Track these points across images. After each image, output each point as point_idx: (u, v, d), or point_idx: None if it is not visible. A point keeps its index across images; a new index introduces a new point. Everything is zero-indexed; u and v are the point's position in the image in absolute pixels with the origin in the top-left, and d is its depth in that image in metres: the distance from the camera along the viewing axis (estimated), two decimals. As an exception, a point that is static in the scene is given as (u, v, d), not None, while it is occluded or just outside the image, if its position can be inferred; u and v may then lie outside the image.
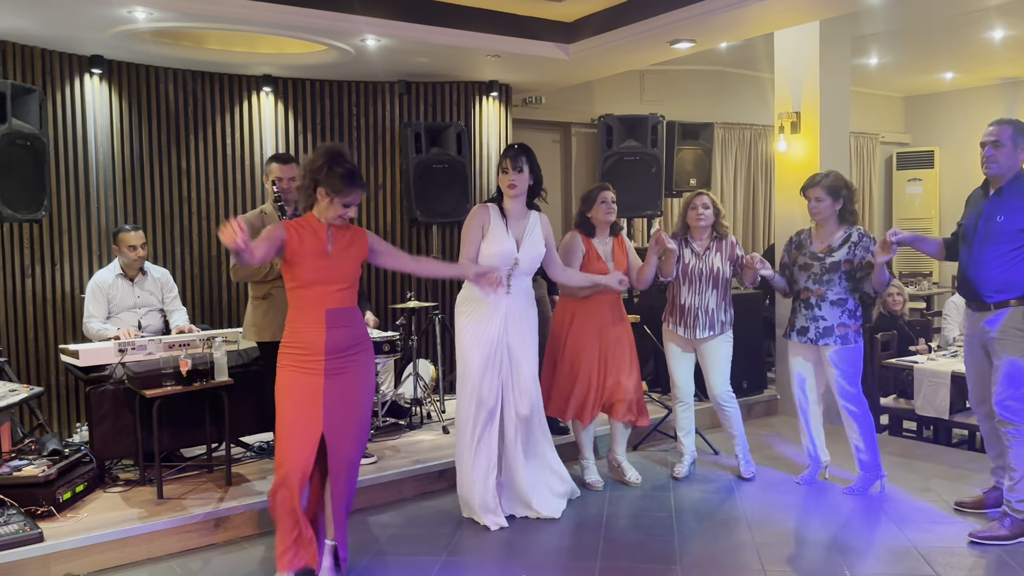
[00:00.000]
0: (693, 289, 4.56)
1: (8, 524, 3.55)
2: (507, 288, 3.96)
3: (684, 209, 4.67)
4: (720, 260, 4.57)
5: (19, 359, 5.43)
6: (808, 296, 4.38)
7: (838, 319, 4.31)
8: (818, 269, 4.34)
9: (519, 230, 4.01)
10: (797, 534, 3.96)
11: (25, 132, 4.59)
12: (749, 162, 9.33)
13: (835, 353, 4.33)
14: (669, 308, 4.71)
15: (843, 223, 4.35)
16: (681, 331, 4.60)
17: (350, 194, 3.30)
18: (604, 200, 4.46)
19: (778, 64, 6.33)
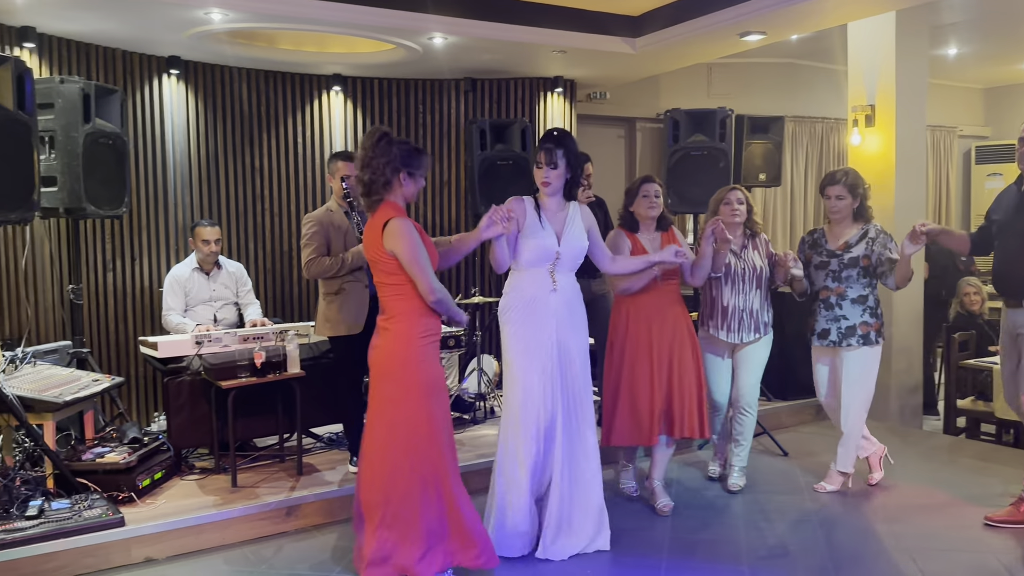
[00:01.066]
0: (736, 289, 4.33)
1: (92, 508, 3.69)
2: (553, 285, 3.65)
3: (715, 205, 4.42)
4: (759, 258, 4.37)
5: (101, 350, 5.64)
6: (827, 295, 4.30)
7: (860, 317, 4.24)
8: (836, 266, 4.26)
9: (558, 223, 3.70)
10: (866, 538, 3.88)
11: (107, 131, 4.75)
12: (820, 157, 9.12)
13: (856, 354, 4.24)
14: (708, 311, 4.42)
15: (858, 220, 4.31)
16: (724, 335, 4.35)
17: (424, 163, 3.32)
18: (646, 193, 4.15)
19: (852, 55, 6.18)
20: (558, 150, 3.64)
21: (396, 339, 3.24)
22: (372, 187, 3.26)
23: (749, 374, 4.42)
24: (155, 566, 3.64)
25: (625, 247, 4.14)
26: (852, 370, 4.26)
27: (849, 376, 4.27)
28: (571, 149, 3.68)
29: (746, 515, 4.14)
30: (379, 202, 3.29)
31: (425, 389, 3.23)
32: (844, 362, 4.27)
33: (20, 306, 4.99)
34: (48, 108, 4.47)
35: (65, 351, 4.76)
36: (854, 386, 4.27)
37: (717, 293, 4.36)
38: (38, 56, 5.14)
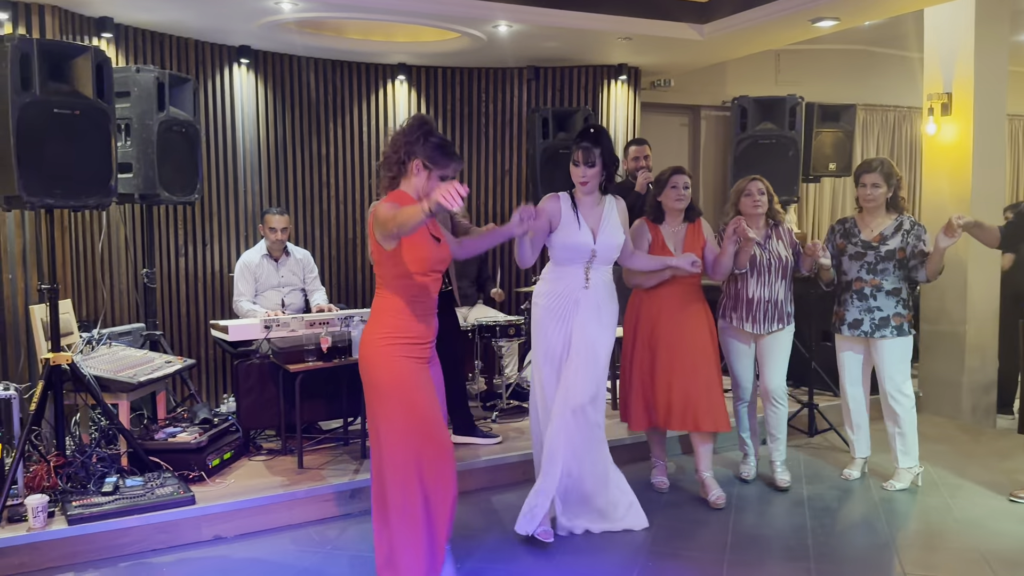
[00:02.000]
0: (762, 281, 4.25)
1: (164, 486, 3.81)
2: (585, 283, 3.67)
3: (736, 196, 4.33)
4: (783, 248, 4.29)
5: (173, 333, 5.80)
6: (862, 287, 4.23)
7: (894, 309, 4.20)
8: (872, 258, 4.20)
9: (594, 219, 3.69)
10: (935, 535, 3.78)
11: (180, 119, 4.87)
12: (893, 146, 8.87)
13: (893, 343, 4.19)
14: (731, 303, 4.35)
15: (891, 211, 4.25)
16: (748, 326, 4.28)
17: (448, 166, 3.08)
18: (675, 184, 4.09)
19: (928, 42, 5.98)
20: (595, 149, 3.64)
21: (362, 339, 3.15)
22: (386, 162, 3.16)
23: (775, 364, 4.35)
24: (224, 544, 3.73)
25: (645, 239, 4.09)
26: (892, 359, 4.22)
27: (890, 365, 4.23)
28: (607, 147, 3.68)
29: (813, 513, 4.06)
30: (391, 186, 3.16)
31: (377, 393, 3.06)
32: (882, 352, 4.23)
33: (97, 289, 5.15)
34: (124, 96, 4.61)
35: (139, 333, 4.91)
36: (897, 375, 4.23)
37: (742, 285, 4.28)
38: (115, 46, 5.29)
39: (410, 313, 3.05)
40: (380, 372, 3.03)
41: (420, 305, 3.08)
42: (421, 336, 3.09)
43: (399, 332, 3.04)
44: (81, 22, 5.04)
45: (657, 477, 4.41)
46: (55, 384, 3.89)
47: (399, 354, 3.04)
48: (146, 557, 3.58)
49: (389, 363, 3.03)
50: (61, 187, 3.75)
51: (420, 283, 3.06)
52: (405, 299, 3.05)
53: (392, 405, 3.03)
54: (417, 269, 3.04)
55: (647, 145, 5.51)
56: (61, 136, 3.74)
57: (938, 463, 4.74)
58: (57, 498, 3.68)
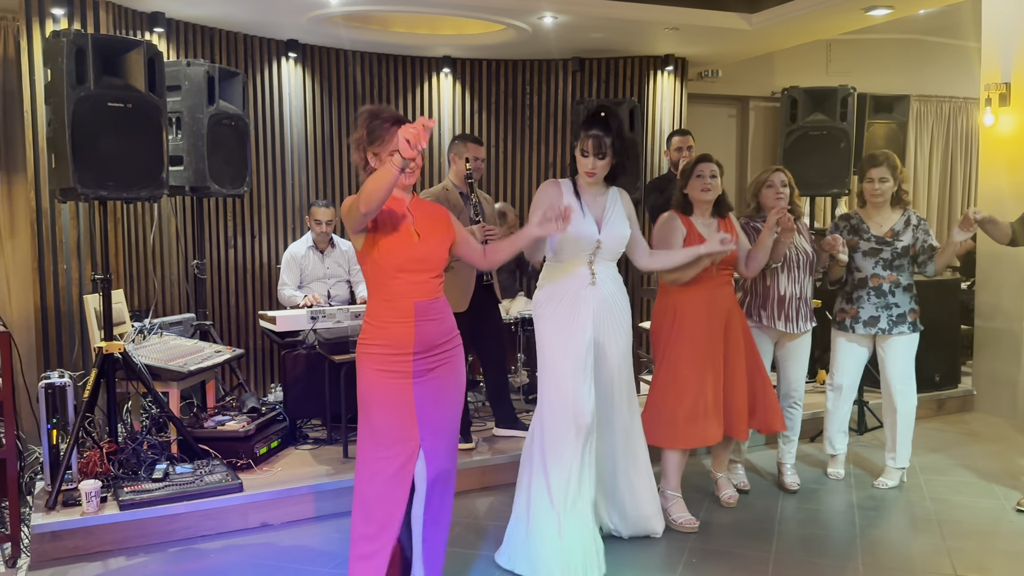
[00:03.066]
0: (792, 277, 4.07)
1: (213, 473, 3.87)
2: (591, 279, 3.31)
3: (757, 188, 4.13)
4: (805, 242, 4.13)
5: (222, 323, 5.90)
6: (879, 283, 4.15)
7: (909, 305, 4.17)
8: (889, 254, 4.12)
9: (598, 209, 3.36)
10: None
11: (230, 112, 4.93)
12: (947, 137, 8.64)
13: (907, 339, 4.16)
14: (760, 300, 4.12)
15: (896, 205, 4.18)
16: (781, 324, 4.07)
17: (387, 130, 2.72)
18: (700, 173, 3.75)
19: (986, 31, 5.80)
20: (607, 138, 3.27)
21: None
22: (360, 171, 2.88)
23: (798, 366, 4.23)
24: (271, 531, 3.79)
25: (679, 233, 3.73)
26: (906, 355, 4.18)
27: (899, 363, 4.17)
28: (621, 135, 3.33)
29: (862, 512, 3.98)
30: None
31: (359, 404, 2.83)
32: (896, 348, 4.16)
33: (148, 280, 5.26)
34: (175, 90, 4.68)
35: (189, 323, 5.00)
36: (906, 373, 4.19)
37: (772, 282, 4.08)
38: (166, 40, 5.38)
39: (384, 319, 2.74)
40: (360, 381, 2.80)
41: (396, 309, 2.74)
42: (397, 345, 2.73)
43: (369, 340, 2.77)
44: (134, 17, 5.13)
45: (682, 515, 3.82)
46: (108, 372, 3.97)
47: (368, 365, 2.76)
48: (194, 543, 3.65)
49: (360, 373, 2.79)
50: (114, 179, 3.83)
51: (394, 284, 2.73)
52: (379, 302, 2.77)
53: (359, 425, 2.82)
54: (389, 266, 2.72)
55: (690, 136, 5.44)
56: (114, 129, 3.82)
57: (992, 463, 4.61)
58: (109, 484, 3.77)
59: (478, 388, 5.40)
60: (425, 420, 2.76)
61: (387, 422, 2.74)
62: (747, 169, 8.13)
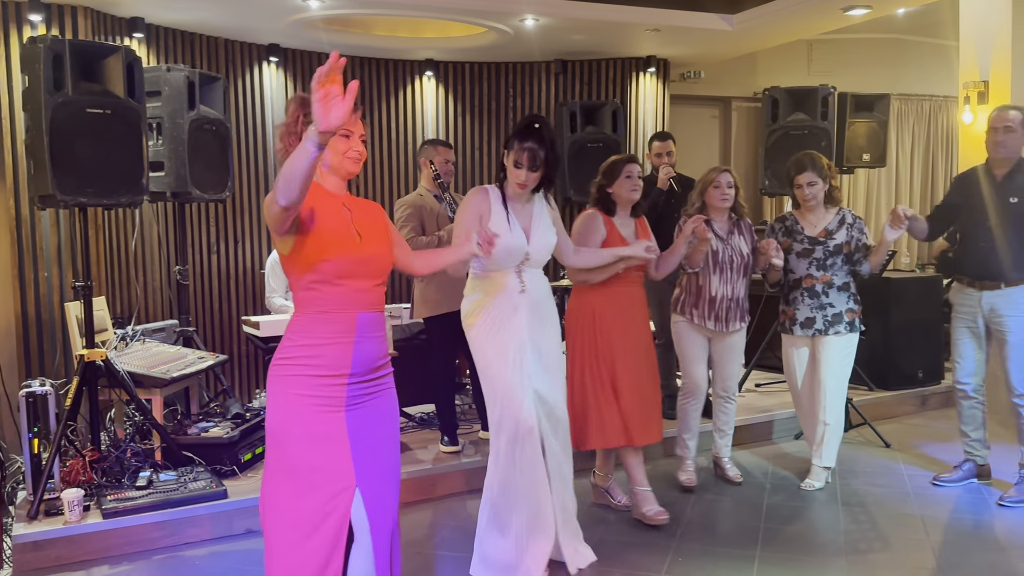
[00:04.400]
0: (724, 278, 4.07)
1: (197, 480, 3.85)
2: (521, 286, 3.22)
3: (702, 187, 4.10)
4: (745, 244, 4.13)
5: (206, 329, 5.87)
6: (812, 284, 4.14)
7: (846, 304, 4.14)
8: (821, 254, 4.12)
9: (525, 217, 3.28)
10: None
11: (211, 117, 4.91)
12: (928, 136, 8.72)
13: (842, 340, 4.13)
14: (691, 299, 4.13)
15: (829, 204, 4.18)
16: (711, 324, 4.08)
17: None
18: (630, 174, 3.76)
19: (964, 29, 5.85)
20: (542, 151, 3.18)
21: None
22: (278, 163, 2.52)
23: (732, 362, 4.23)
24: (256, 538, 3.76)
25: (599, 233, 3.73)
26: (835, 357, 4.14)
27: (832, 363, 4.14)
28: (555, 147, 3.24)
29: (847, 508, 4.00)
30: None
31: (270, 438, 2.37)
32: (831, 348, 4.13)
33: (130, 286, 5.23)
34: (155, 96, 4.65)
35: (172, 329, 4.97)
36: (839, 373, 4.17)
37: (704, 281, 4.09)
38: (146, 45, 5.36)
39: (317, 335, 2.32)
40: (268, 410, 2.35)
41: (331, 324, 2.33)
42: (330, 366, 2.32)
43: (292, 360, 2.33)
44: (113, 23, 5.11)
45: (619, 497, 4.01)
46: (90, 380, 3.94)
47: (286, 389, 2.32)
48: (179, 550, 3.63)
49: (277, 399, 2.33)
50: (94, 186, 3.80)
51: (333, 294, 2.33)
52: (311, 315, 2.34)
53: (270, 461, 2.35)
54: (329, 272, 2.31)
55: (671, 141, 5.43)
56: (93, 135, 3.79)
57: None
58: (92, 492, 3.74)
59: (464, 391, 5.40)
60: (361, 457, 2.35)
61: (311, 460, 2.30)
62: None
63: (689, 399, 4.24)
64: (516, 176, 3.23)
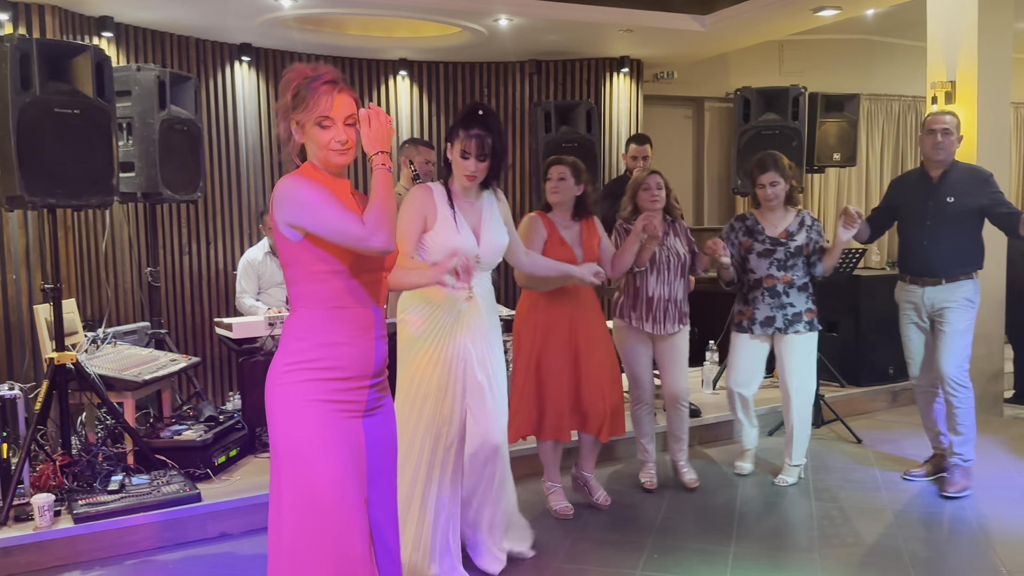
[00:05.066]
0: (661, 279, 4.07)
1: (170, 484, 3.81)
2: (467, 293, 3.01)
3: (634, 190, 4.10)
4: (681, 245, 4.12)
5: (178, 331, 5.82)
6: (774, 284, 4.17)
7: (805, 304, 4.19)
8: (782, 255, 4.15)
9: (474, 217, 3.09)
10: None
11: (182, 117, 4.87)
12: (897, 136, 8.83)
13: (804, 339, 4.18)
14: (629, 301, 4.11)
15: (789, 205, 4.22)
16: (648, 326, 4.07)
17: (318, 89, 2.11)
18: (550, 176, 3.72)
19: (931, 30, 5.94)
20: (489, 138, 3.01)
21: (269, 372, 2.19)
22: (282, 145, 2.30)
23: (678, 366, 4.17)
24: (230, 541, 3.73)
25: (540, 236, 3.67)
26: (798, 357, 4.19)
27: (795, 364, 4.19)
28: (502, 136, 3.08)
29: (819, 503, 4.05)
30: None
31: (274, 455, 2.15)
32: (793, 348, 4.18)
33: (101, 288, 5.17)
34: (125, 95, 4.60)
35: (144, 332, 4.92)
36: (804, 372, 4.22)
37: (641, 283, 4.07)
38: (116, 45, 5.30)
39: (336, 334, 2.12)
40: (277, 423, 2.12)
41: (351, 320, 2.14)
42: (355, 367, 2.14)
43: (314, 361, 2.11)
44: (81, 22, 5.04)
45: (560, 503, 3.94)
46: (60, 383, 3.89)
47: (308, 396, 2.10)
48: (152, 555, 3.59)
49: (290, 410, 2.10)
50: (63, 187, 3.75)
51: (348, 284, 2.14)
52: (324, 312, 2.12)
53: (288, 488, 2.11)
54: (352, 263, 2.12)
55: (648, 145, 5.44)
56: (62, 136, 3.74)
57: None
58: (63, 497, 3.69)
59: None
60: (374, 466, 2.20)
61: (335, 475, 2.09)
62: (704, 170, 8.23)
63: (639, 405, 4.21)
64: (464, 168, 3.05)
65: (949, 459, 4.14)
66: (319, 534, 2.08)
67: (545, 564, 3.41)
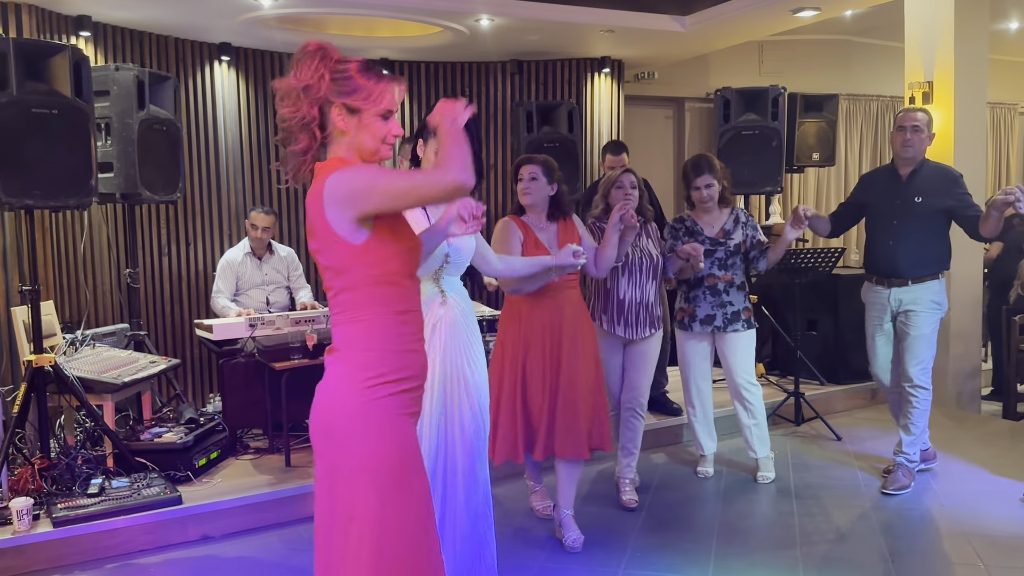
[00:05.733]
0: (633, 281, 3.95)
1: (150, 487, 3.79)
2: (442, 297, 2.91)
3: (606, 189, 3.95)
4: (653, 247, 4.02)
5: (157, 333, 5.77)
6: (715, 282, 4.19)
7: (743, 303, 4.22)
8: (723, 254, 4.17)
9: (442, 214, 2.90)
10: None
11: (161, 118, 4.83)
12: (876, 135, 8.91)
13: (744, 337, 4.21)
14: (601, 304, 3.98)
15: (723, 204, 4.23)
16: (621, 330, 3.93)
17: (384, 86, 1.99)
18: (521, 176, 3.57)
19: (909, 31, 6.00)
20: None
21: (327, 393, 2.00)
22: (289, 135, 2.01)
23: (641, 374, 4.05)
24: (211, 544, 3.72)
25: (517, 239, 3.50)
26: (745, 351, 4.23)
27: (743, 358, 4.23)
28: (476, 134, 2.90)
29: (800, 501, 4.08)
30: (307, 160, 2.02)
31: (374, 473, 1.94)
32: (734, 345, 4.21)
33: (79, 290, 5.12)
34: (104, 95, 4.56)
35: (123, 334, 4.88)
36: (749, 366, 4.26)
37: (612, 285, 3.95)
38: (93, 44, 5.25)
39: (402, 341, 2.01)
40: (363, 442, 1.94)
41: (415, 324, 2.06)
42: (421, 375, 2.07)
43: (392, 373, 1.97)
44: (59, 21, 5.00)
45: (542, 502, 3.94)
46: (38, 386, 3.86)
47: (397, 409, 1.98)
48: (133, 558, 3.56)
49: (381, 427, 1.95)
50: (40, 187, 3.72)
51: (410, 287, 2.04)
52: (393, 315, 1.99)
53: (379, 497, 1.94)
54: (411, 260, 2.05)
55: (625, 154, 5.34)
56: (39, 136, 3.71)
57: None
58: (42, 501, 3.65)
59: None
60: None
61: (428, 488, 2.06)
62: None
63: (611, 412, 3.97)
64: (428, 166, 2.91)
65: (895, 456, 4.19)
66: (414, 550, 1.97)
67: (528, 563, 3.42)
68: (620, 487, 4.10)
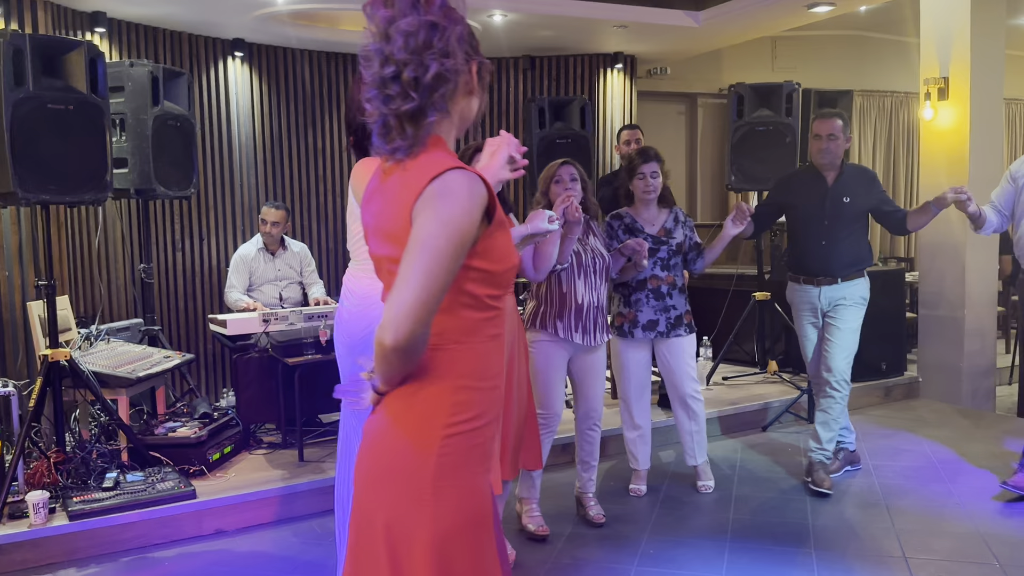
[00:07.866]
0: (589, 284, 3.60)
1: (165, 481, 3.81)
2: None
3: (546, 183, 3.61)
4: (601, 245, 3.71)
5: (171, 328, 5.80)
6: (658, 284, 3.95)
7: (684, 306, 4.03)
8: (665, 253, 3.95)
9: None
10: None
11: (175, 113, 4.85)
12: (890, 132, 8.86)
13: (686, 342, 4.01)
14: (555, 310, 3.58)
15: (662, 202, 4.02)
16: (579, 337, 3.58)
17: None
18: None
19: (924, 26, 5.96)
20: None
21: (404, 426, 1.58)
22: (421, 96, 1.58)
23: (596, 383, 3.74)
24: (225, 538, 3.74)
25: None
26: (687, 357, 4.03)
27: (682, 365, 4.01)
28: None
29: (811, 498, 4.07)
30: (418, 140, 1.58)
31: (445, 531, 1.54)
32: (678, 351, 3.99)
33: (94, 285, 5.15)
34: (119, 91, 4.58)
35: (137, 328, 4.90)
36: (693, 372, 4.06)
37: (568, 288, 3.58)
38: (108, 40, 5.27)
39: (493, 369, 1.64)
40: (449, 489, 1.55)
41: (502, 352, 1.67)
42: (499, 415, 1.70)
43: (479, 417, 1.60)
44: (74, 17, 5.02)
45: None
46: (54, 380, 3.88)
47: (478, 463, 1.60)
48: (147, 552, 3.59)
49: (463, 485, 1.57)
50: (56, 183, 3.74)
51: (501, 308, 1.66)
52: (484, 342, 1.62)
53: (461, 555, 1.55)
54: (510, 277, 1.66)
55: (639, 130, 5.51)
56: (55, 132, 3.73)
57: (939, 448, 4.74)
58: (58, 494, 3.68)
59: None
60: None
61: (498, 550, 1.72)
62: (697, 166, 8.23)
63: (547, 432, 3.63)
64: None
65: (812, 455, 4.17)
66: None
67: (543, 557, 3.43)
68: (585, 503, 3.85)
